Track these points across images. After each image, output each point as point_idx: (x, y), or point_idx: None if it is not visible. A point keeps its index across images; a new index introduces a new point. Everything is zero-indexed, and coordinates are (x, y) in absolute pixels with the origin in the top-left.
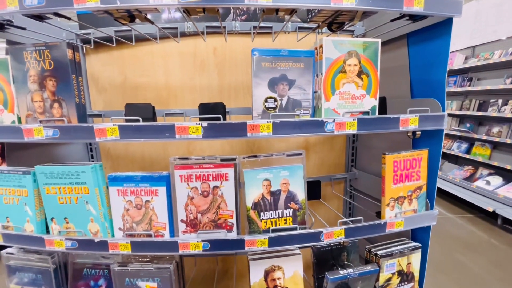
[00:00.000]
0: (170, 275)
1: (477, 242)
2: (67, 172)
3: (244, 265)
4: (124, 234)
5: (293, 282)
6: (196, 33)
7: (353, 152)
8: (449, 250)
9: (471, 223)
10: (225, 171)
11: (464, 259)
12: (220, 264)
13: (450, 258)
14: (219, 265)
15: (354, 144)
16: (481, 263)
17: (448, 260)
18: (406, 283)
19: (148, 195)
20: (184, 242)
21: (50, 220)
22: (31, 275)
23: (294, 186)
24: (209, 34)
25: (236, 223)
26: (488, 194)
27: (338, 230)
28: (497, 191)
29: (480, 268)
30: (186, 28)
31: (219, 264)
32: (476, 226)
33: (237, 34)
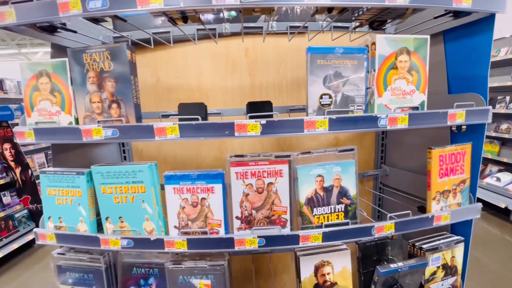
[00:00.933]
0: (224, 272)
1: (490, 238)
2: (124, 171)
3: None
4: (179, 232)
5: (342, 277)
6: (228, 34)
7: (383, 149)
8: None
9: (483, 220)
10: (280, 167)
11: (480, 256)
12: (255, 263)
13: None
14: (254, 264)
15: (383, 141)
16: (497, 259)
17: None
18: (449, 277)
19: (204, 192)
20: (240, 239)
21: (104, 219)
22: (82, 275)
23: (346, 181)
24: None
25: (290, 219)
26: (499, 190)
27: (388, 224)
28: (508, 187)
29: (497, 264)
30: (224, 29)
31: (254, 263)
32: (488, 222)
33: (268, 35)
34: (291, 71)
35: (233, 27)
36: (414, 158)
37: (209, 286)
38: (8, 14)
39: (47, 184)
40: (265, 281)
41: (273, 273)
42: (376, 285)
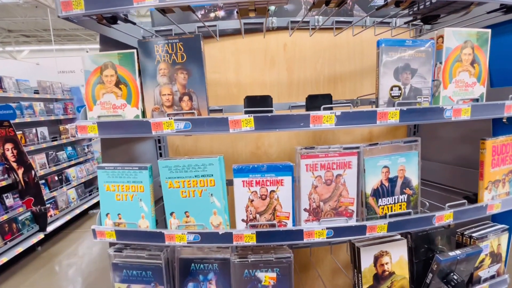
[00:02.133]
0: (290, 265)
1: None
2: (193, 165)
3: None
4: (247, 225)
5: (399, 267)
6: (267, 29)
7: None
8: None
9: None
10: (349, 159)
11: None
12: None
13: None
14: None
15: (415, 135)
16: None
17: None
18: (495, 264)
19: (273, 185)
20: (309, 230)
21: (169, 215)
22: (140, 273)
23: (409, 172)
24: (280, 30)
25: (356, 210)
26: None
27: (447, 214)
28: None
29: None
30: (271, 23)
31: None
32: None
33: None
34: (328, 67)
35: (279, 21)
36: (450, 151)
37: (274, 279)
38: (76, 4)
39: (105, 180)
40: (303, 275)
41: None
42: (433, 273)
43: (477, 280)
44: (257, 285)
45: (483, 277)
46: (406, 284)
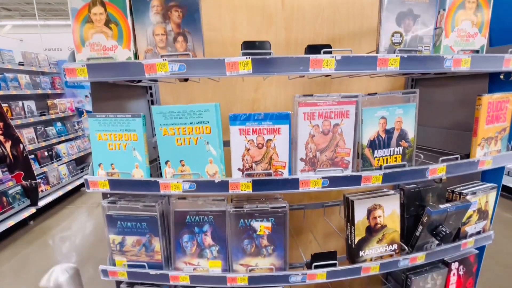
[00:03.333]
0: (285, 215)
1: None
2: (188, 111)
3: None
4: (243, 174)
5: (391, 220)
6: None
7: None
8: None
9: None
10: (347, 108)
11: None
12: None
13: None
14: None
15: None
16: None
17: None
18: (482, 220)
19: (270, 133)
20: (304, 180)
21: (164, 163)
22: (135, 224)
23: (406, 124)
24: None
25: (352, 161)
26: None
27: (441, 167)
28: None
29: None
30: None
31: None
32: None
33: None
34: (327, 28)
35: None
36: (445, 115)
37: (269, 228)
38: None
39: (97, 128)
40: (297, 237)
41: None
42: (424, 225)
43: (464, 235)
44: (252, 234)
45: (470, 233)
46: (397, 237)
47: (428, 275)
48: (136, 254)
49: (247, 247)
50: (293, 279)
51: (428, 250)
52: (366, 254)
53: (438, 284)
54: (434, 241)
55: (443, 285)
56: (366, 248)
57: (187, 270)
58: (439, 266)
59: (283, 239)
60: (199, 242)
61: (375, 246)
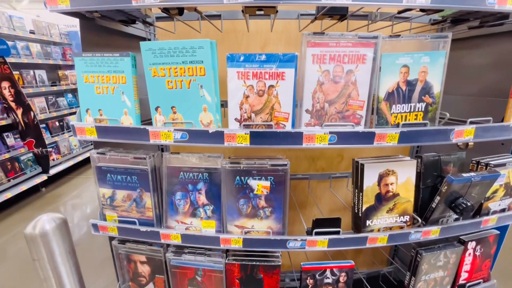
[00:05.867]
0: (285, 174)
1: None
2: (181, 48)
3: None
4: (241, 125)
5: (405, 188)
6: None
7: None
8: None
9: None
10: (364, 51)
11: None
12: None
13: None
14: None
15: None
16: None
17: None
18: (508, 197)
19: (273, 78)
20: (309, 134)
21: (154, 110)
22: (125, 177)
23: (432, 76)
24: None
25: (366, 116)
26: None
27: (468, 129)
28: None
29: None
30: None
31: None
32: None
33: None
34: None
35: None
36: (475, 81)
37: (267, 188)
38: None
39: (83, 69)
40: (301, 210)
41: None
42: (442, 195)
43: (486, 212)
44: (249, 194)
45: (493, 209)
46: (410, 208)
47: (441, 252)
48: (127, 209)
49: (243, 207)
50: (292, 245)
51: (443, 225)
52: (374, 224)
53: (451, 262)
54: (452, 216)
55: (457, 264)
56: (374, 217)
57: (179, 229)
58: (454, 244)
59: (282, 201)
60: (192, 201)
61: (385, 216)
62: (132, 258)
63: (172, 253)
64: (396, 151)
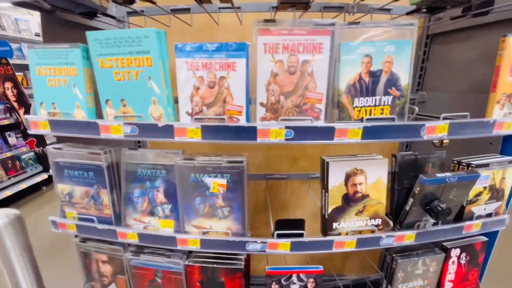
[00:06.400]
0: (242, 171)
1: None
2: (126, 37)
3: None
4: (192, 119)
5: (375, 189)
6: None
7: (421, 74)
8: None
9: None
10: (320, 40)
11: None
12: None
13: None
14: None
15: (423, 64)
16: None
17: None
18: (494, 201)
19: (223, 69)
20: (263, 129)
21: (104, 103)
22: (82, 173)
23: (398, 66)
24: None
25: (325, 110)
26: None
27: (441, 125)
28: None
29: None
30: None
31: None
32: None
33: None
34: None
35: None
36: (462, 77)
37: (224, 186)
38: None
39: (36, 62)
40: (280, 213)
41: (290, 205)
42: (415, 197)
43: (469, 217)
44: (205, 192)
45: (477, 214)
46: (382, 210)
47: (418, 259)
48: (86, 206)
49: (199, 206)
50: (251, 247)
51: (420, 229)
52: (342, 227)
53: (431, 271)
54: (429, 220)
55: (438, 273)
56: (342, 219)
57: (136, 227)
58: (435, 251)
59: (240, 200)
60: (150, 199)
61: (353, 219)
62: (94, 257)
63: (131, 253)
64: (385, 149)
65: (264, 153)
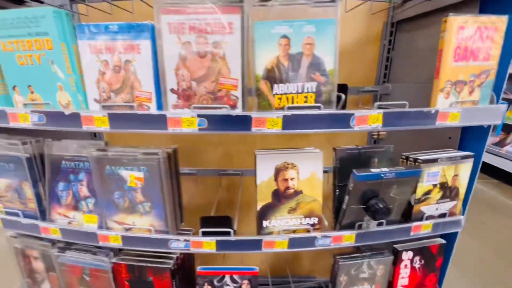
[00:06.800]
0: (158, 163)
1: (501, 205)
2: (23, 17)
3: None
4: (100, 106)
5: (309, 185)
6: None
7: (387, 65)
8: (472, 212)
9: (496, 188)
10: (229, 19)
11: (488, 220)
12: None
13: (474, 219)
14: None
15: (389, 54)
16: (506, 225)
17: (471, 220)
18: (448, 200)
19: (128, 52)
20: (174, 117)
21: (12, 89)
22: (3, 165)
23: (321, 49)
24: None
25: (242, 97)
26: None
27: (374, 114)
28: None
29: (505, 229)
30: None
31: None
32: (500, 190)
33: None
34: None
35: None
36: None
37: (141, 180)
38: None
39: None
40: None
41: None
42: (350, 195)
43: (419, 216)
44: (123, 186)
45: (427, 214)
46: (318, 209)
47: (363, 262)
48: (11, 200)
49: (119, 201)
50: (174, 245)
51: (360, 230)
52: (273, 225)
53: (378, 275)
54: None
55: (387, 276)
56: (273, 217)
57: (61, 222)
58: (383, 253)
59: (160, 195)
60: (74, 193)
61: (286, 217)
62: (26, 253)
63: (57, 249)
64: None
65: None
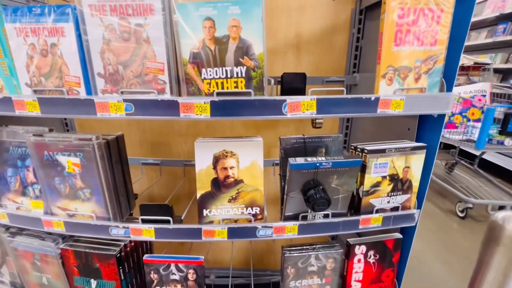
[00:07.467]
0: (93, 150)
1: None
2: None
3: None
4: (32, 90)
5: (250, 174)
6: None
7: (356, 54)
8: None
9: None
10: (150, 0)
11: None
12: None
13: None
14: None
15: (358, 43)
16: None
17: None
18: (400, 193)
19: (53, 35)
20: (101, 102)
21: None
22: None
23: (248, 32)
24: None
25: (170, 82)
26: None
27: (307, 101)
28: None
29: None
30: None
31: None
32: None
33: None
34: None
35: None
36: None
37: (78, 165)
38: None
39: None
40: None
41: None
42: (289, 184)
43: (369, 209)
44: (62, 172)
45: (378, 207)
46: (259, 198)
47: (310, 254)
48: None
49: (60, 186)
50: (115, 232)
51: (303, 221)
52: (213, 215)
53: (328, 268)
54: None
55: (338, 270)
56: (213, 206)
57: (9, 208)
58: (333, 246)
59: (98, 181)
60: (22, 178)
61: (227, 206)
62: None
63: (9, 234)
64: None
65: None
